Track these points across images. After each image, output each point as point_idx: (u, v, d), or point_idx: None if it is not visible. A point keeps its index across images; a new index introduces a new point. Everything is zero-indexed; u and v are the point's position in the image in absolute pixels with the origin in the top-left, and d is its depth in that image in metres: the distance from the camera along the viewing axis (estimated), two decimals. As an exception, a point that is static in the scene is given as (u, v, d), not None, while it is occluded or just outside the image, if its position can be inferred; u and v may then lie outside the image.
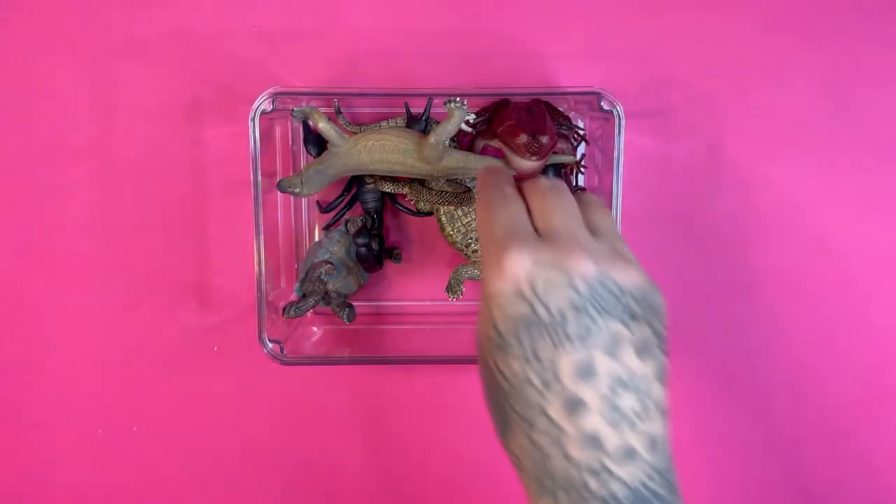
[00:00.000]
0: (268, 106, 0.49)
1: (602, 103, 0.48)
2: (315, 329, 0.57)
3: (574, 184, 0.55)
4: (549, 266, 0.31)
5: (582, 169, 0.54)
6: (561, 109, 0.52)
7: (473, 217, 0.53)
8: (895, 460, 0.59)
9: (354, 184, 0.55)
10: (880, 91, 0.56)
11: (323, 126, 0.48)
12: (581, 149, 0.54)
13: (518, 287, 0.31)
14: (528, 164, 0.49)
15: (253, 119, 0.48)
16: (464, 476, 0.60)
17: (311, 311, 0.53)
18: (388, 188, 0.54)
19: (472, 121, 0.52)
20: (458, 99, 0.47)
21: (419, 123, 0.53)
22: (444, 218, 0.54)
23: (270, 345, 0.51)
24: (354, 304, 0.54)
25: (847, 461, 0.59)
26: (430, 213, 0.56)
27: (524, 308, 0.31)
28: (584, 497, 0.30)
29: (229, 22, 0.55)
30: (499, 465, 0.59)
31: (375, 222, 0.55)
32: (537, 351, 0.31)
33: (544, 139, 0.47)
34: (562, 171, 0.53)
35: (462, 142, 0.54)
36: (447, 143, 0.49)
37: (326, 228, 0.57)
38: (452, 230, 0.54)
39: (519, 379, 0.31)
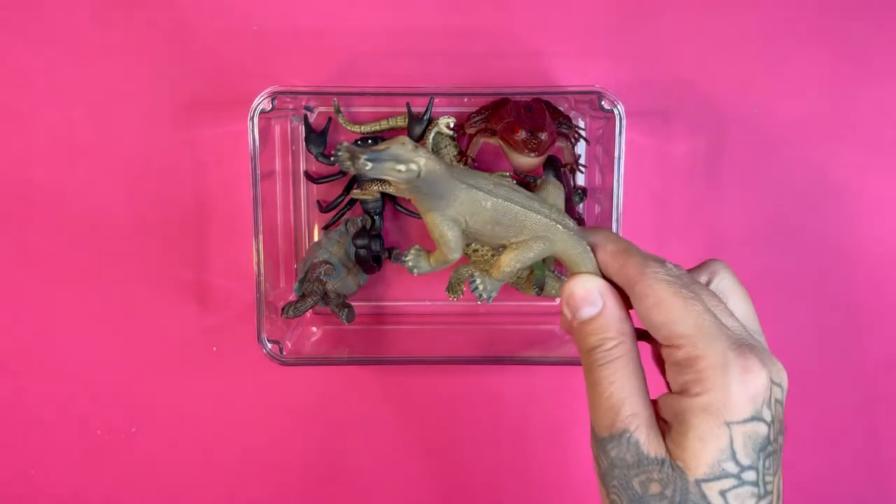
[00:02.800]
0: (267, 105, 0.48)
1: (603, 103, 0.48)
2: (314, 329, 0.57)
3: (573, 183, 0.54)
4: (776, 379, 0.27)
5: (581, 168, 0.54)
6: (561, 109, 0.52)
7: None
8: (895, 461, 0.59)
9: (354, 184, 0.55)
10: (880, 91, 0.56)
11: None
12: (580, 148, 0.54)
13: (759, 407, 0.26)
14: (527, 160, 0.48)
15: (252, 118, 0.48)
16: (464, 476, 0.60)
17: (310, 311, 0.53)
18: (387, 189, 0.54)
19: (451, 125, 0.52)
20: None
21: (420, 123, 0.53)
22: None
23: (270, 345, 0.51)
24: (354, 304, 0.54)
25: (849, 463, 0.59)
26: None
27: (765, 430, 0.26)
28: None
29: (229, 21, 0.55)
30: (498, 466, 0.59)
31: (375, 223, 0.55)
32: (766, 479, 0.26)
33: (543, 136, 0.47)
34: (561, 171, 0.52)
35: (461, 141, 0.54)
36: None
37: (326, 228, 0.57)
38: None
39: None
